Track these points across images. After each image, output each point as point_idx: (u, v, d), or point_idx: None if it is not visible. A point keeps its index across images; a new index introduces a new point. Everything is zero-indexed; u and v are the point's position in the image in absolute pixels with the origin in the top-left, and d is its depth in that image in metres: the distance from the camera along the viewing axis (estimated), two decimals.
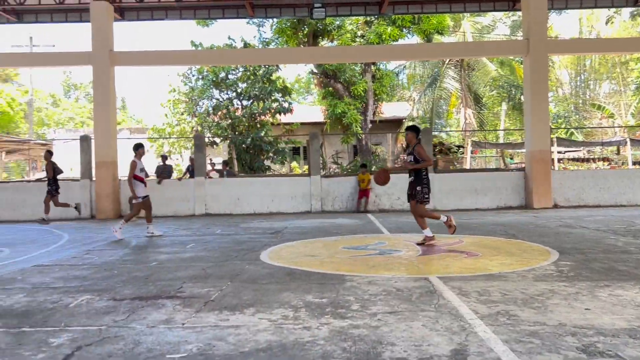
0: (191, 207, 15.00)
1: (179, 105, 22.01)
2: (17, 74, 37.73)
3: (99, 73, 14.90)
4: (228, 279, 5.58)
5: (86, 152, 14.98)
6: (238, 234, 10.02)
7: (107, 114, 14.91)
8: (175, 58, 16.27)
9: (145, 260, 7.07)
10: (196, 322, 4.00)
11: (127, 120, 48.68)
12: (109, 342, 3.56)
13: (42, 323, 4.07)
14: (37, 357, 3.31)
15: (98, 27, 14.87)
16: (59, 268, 6.61)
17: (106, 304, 4.62)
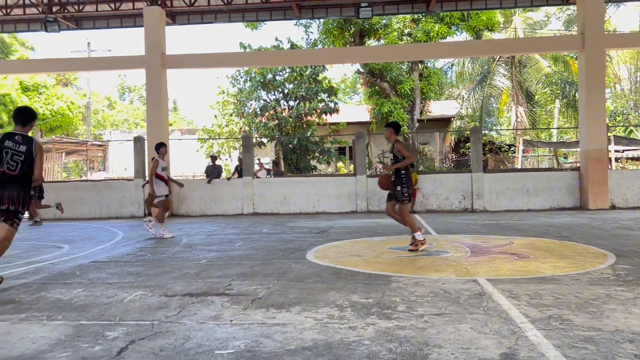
0: (239, 206, 15.28)
1: (228, 106, 22.44)
2: (77, 78, 39.45)
3: (152, 76, 15.40)
4: (275, 277, 5.66)
5: (139, 152, 15.49)
6: (285, 233, 10.13)
7: (159, 115, 15.39)
8: (224, 60, 16.60)
9: (195, 257, 7.26)
10: (244, 319, 4.07)
11: (178, 121, 50.04)
12: (161, 337, 3.67)
13: (99, 317, 4.25)
14: (94, 349, 3.46)
15: (151, 32, 15.37)
16: (114, 264, 6.88)
17: (158, 300, 4.77)
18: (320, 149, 20.40)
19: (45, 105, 29.52)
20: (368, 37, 22.11)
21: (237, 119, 22.16)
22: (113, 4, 15.96)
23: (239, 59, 17.57)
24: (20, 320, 4.20)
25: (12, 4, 16.22)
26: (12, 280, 5.89)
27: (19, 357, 3.32)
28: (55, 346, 3.53)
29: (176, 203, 15.42)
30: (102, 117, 44.36)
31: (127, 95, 55.64)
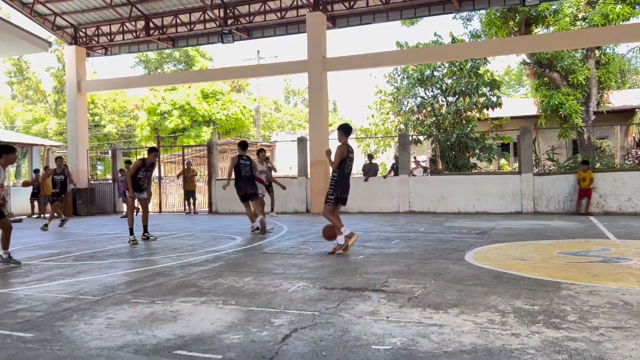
0: (395, 204, 15.30)
1: (385, 105, 22.58)
2: (248, 84, 42.91)
3: (314, 79, 16.14)
4: (432, 277, 5.57)
5: (302, 152, 16.34)
6: (442, 232, 9.91)
7: (321, 116, 16.07)
8: (383, 59, 16.75)
9: (352, 253, 7.45)
10: (400, 316, 4.08)
11: (337, 121, 51.73)
12: (321, 327, 3.85)
13: (266, 304, 4.59)
14: (262, 334, 3.74)
15: (313, 36, 16.12)
16: (279, 256, 7.37)
17: (319, 292, 5.00)
18: (481, 145, 19.51)
19: (222, 110, 32.62)
20: (535, 25, 20.56)
21: (394, 117, 22.20)
22: (279, 13, 17.06)
23: (398, 57, 17.58)
24: (201, 302, 4.72)
25: (194, 20, 18.22)
26: (195, 267, 6.63)
27: (200, 335, 3.74)
28: (229, 328, 3.90)
29: None
30: (269, 120, 47.66)
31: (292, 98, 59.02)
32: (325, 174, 15.79)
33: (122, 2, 17.93)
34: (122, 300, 4.88)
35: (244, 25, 17.92)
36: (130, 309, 4.55)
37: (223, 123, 32.72)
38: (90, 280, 5.91)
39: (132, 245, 9.12)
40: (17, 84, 41.16)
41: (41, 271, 6.64)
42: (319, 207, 15.54)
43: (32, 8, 18.35)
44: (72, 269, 6.71)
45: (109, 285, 5.59)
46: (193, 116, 31.93)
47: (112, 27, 19.35)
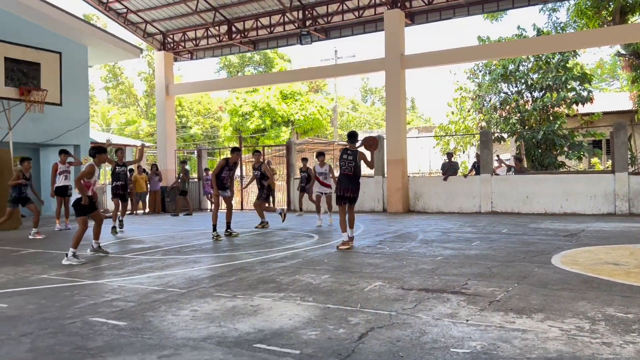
0: (477, 204, 14.85)
1: (465, 102, 21.95)
2: (326, 84, 43.32)
3: (391, 77, 16.00)
4: (514, 281, 5.36)
5: (379, 151, 16.26)
6: (526, 234, 9.49)
7: (398, 114, 15.91)
8: (463, 55, 16.30)
9: (431, 254, 7.33)
10: (480, 320, 3.97)
11: (415, 119, 50.95)
12: (398, 328, 3.83)
13: (343, 302, 4.63)
14: (339, 331, 3.78)
15: (391, 34, 15.98)
16: (356, 255, 7.39)
17: (395, 292, 4.97)
18: (570, 143, 18.46)
19: (300, 110, 33.17)
20: (632, 13, 19.16)
21: (475, 114, 21.52)
22: (357, 12, 17.07)
23: (479, 52, 17.03)
24: (280, 298, 4.84)
25: (274, 23, 18.65)
26: (274, 263, 6.81)
27: (279, 330, 3.84)
28: (307, 324, 3.97)
29: (413, 199, 15.77)
30: (346, 119, 47.82)
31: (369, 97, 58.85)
32: (403, 173, 15.63)
33: (207, 8, 18.69)
34: (206, 293, 5.11)
35: (322, 25, 18.09)
36: (214, 302, 4.75)
37: (301, 123, 33.25)
38: (177, 274, 6.23)
39: (216, 240, 9.50)
40: (112, 88, 44.13)
41: (133, 264, 7.08)
42: (395, 206, 15.42)
43: (125, 17, 19.57)
44: (161, 263, 7.11)
45: (194, 279, 5.87)
46: (273, 117, 32.71)
47: (197, 32, 20.24)
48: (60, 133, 16.21)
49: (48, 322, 4.19)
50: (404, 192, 15.63)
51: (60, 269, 6.84)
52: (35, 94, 13.08)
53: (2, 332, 3.94)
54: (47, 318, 4.33)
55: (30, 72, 13.11)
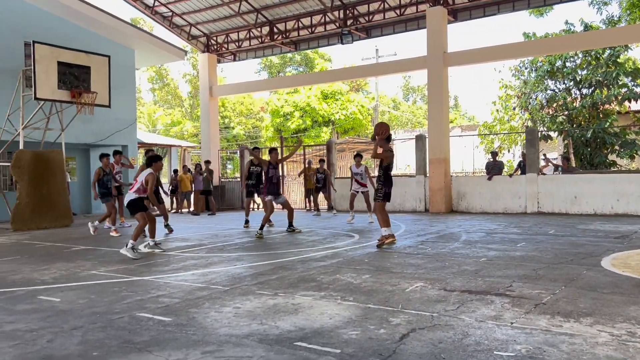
0: (522, 204, 14.47)
1: (510, 100, 21.43)
2: (367, 83, 43.16)
3: (433, 75, 15.79)
4: (562, 283, 5.20)
5: (421, 150, 16.08)
6: (575, 235, 9.19)
7: (440, 113, 15.68)
8: (508, 52, 15.91)
9: (474, 255, 7.19)
10: (525, 323, 3.88)
11: (458, 118, 50.11)
12: (440, 329, 3.78)
13: (384, 302, 4.61)
14: (379, 332, 3.77)
15: (433, 32, 15.77)
16: (397, 255, 7.33)
17: (437, 293, 4.91)
18: (622, 141, 17.73)
19: (340, 110, 33.16)
20: None
21: (521, 112, 20.98)
22: (399, 10, 16.93)
23: (524, 49, 16.59)
24: (320, 297, 4.86)
25: (315, 23, 18.71)
26: (315, 262, 6.84)
27: (319, 329, 3.86)
28: (347, 324, 3.98)
29: (456, 199, 15.52)
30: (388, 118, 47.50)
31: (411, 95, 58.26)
32: (445, 172, 15.39)
33: (249, 9, 18.93)
34: (248, 291, 5.18)
35: (363, 25, 18.03)
36: (256, 299, 4.82)
37: (342, 123, 33.24)
38: (220, 272, 6.35)
39: (258, 238, 9.62)
40: (158, 90, 45.31)
41: (178, 261, 7.26)
42: (438, 206, 15.20)
43: (171, 20, 20.06)
44: (205, 260, 7.26)
45: (236, 277, 5.97)
46: (313, 117, 32.83)
47: (240, 34, 20.53)
48: (109, 134, 16.77)
49: (97, 317, 4.35)
50: (447, 191, 15.40)
51: (109, 265, 7.09)
52: (85, 97, 13.57)
53: (55, 325, 4.12)
54: (97, 312, 4.49)
55: (81, 75, 13.60)
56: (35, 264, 7.26)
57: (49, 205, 13.30)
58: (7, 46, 14.40)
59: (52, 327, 4.08)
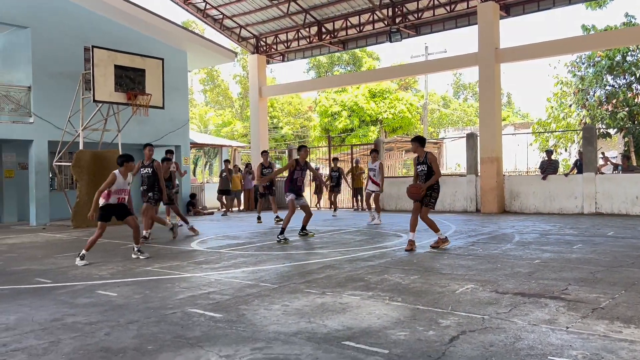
0: (579, 204, 13.93)
1: (566, 97, 20.66)
2: (416, 81, 42.62)
3: (485, 72, 15.42)
4: (622, 287, 4.98)
5: (472, 148, 15.74)
6: (635, 237, 8.76)
7: (492, 111, 15.30)
8: (563, 47, 15.35)
9: (528, 256, 6.98)
10: (582, 328, 3.73)
11: (511, 115, 48.72)
12: (491, 332, 3.69)
13: (433, 303, 4.54)
14: (428, 333, 3.72)
15: (484, 28, 15.40)
16: (447, 256, 7.21)
17: (489, 295, 4.80)
18: None
19: (389, 109, 32.89)
20: None
21: (577, 109, 20.19)
22: (449, 7, 16.63)
23: (581, 43, 15.95)
24: (368, 297, 4.85)
25: (363, 22, 18.65)
26: (362, 262, 6.82)
27: (367, 329, 3.84)
28: (395, 324, 3.94)
29: (508, 199, 15.10)
30: (437, 116, 46.77)
31: (461, 93, 57.10)
32: (497, 172, 15.00)
33: (298, 10, 19.07)
34: (297, 289, 5.23)
35: (412, 22, 17.81)
36: (304, 298, 4.85)
37: (389, 121, 32.96)
38: (269, 269, 6.44)
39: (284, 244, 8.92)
40: (209, 91, 46.34)
41: (229, 259, 7.41)
42: (490, 206, 14.84)
43: (221, 23, 20.47)
44: (254, 258, 7.38)
45: (285, 275, 6.03)
46: (361, 116, 32.71)
47: (289, 34, 20.71)
48: (163, 134, 17.28)
49: (152, 312, 4.50)
50: (499, 191, 15.01)
51: (162, 262, 7.31)
52: (140, 98, 14.04)
53: (112, 319, 4.29)
54: (151, 307, 4.64)
55: (136, 77, 14.08)
56: (94, 260, 7.58)
57: None
58: (68, 51, 15.10)
59: (110, 320, 4.25)
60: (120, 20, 16.40)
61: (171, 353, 3.43)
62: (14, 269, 6.98)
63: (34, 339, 3.81)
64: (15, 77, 15.11)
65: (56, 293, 5.38)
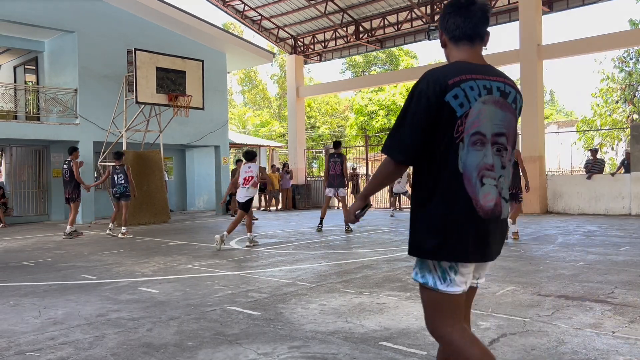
0: (626, 205, 13.42)
1: (613, 93, 19.96)
2: None
3: (527, 69, 15.05)
4: None
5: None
6: None
7: (535, 108, 14.92)
8: (609, 42, 14.82)
9: (571, 258, 6.78)
10: (629, 332, 3.60)
11: (554, 113, 47.39)
12: (532, 335, 3.61)
13: (472, 305, 4.45)
14: None
15: (526, 24, 15.03)
16: None
17: (530, 298, 4.68)
18: None
19: None
20: None
21: (625, 106, 19.47)
22: (490, 3, 16.30)
23: (628, 38, 15.37)
24: (406, 297, 4.81)
25: (401, 20, 18.49)
26: (400, 262, 6.77)
27: (405, 330, 3.81)
28: None
29: (552, 200, 14.70)
30: None
31: None
32: (540, 171, 14.62)
33: (335, 10, 19.08)
34: (334, 289, 5.23)
35: None
36: (341, 297, 4.85)
37: None
38: (307, 269, 6.47)
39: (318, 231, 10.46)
40: (248, 91, 46.88)
41: (267, 258, 7.48)
42: (532, 206, 14.47)
43: (259, 24, 20.69)
44: (292, 257, 7.43)
45: (322, 274, 6.05)
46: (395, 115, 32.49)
47: (326, 34, 20.74)
48: (202, 135, 17.60)
49: (192, 309, 4.59)
50: (542, 191, 14.62)
51: (202, 260, 7.45)
52: (181, 100, 14.34)
53: (154, 316, 4.40)
54: (191, 305, 4.74)
55: (177, 79, 14.39)
56: (137, 257, 7.79)
57: (149, 202, 14.21)
58: (112, 54, 15.58)
59: (151, 317, 4.36)
60: (161, 23, 16.79)
61: (210, 350, 3.49)
62: (62, 265, 7.24)
63: (80, 333, 3.94)
64: (62, 80, 15.69)
65: (101, 289, 5.56)
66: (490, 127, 1.98)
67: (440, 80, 1.95)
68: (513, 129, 2.06)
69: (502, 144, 2.01)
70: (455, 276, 2.01)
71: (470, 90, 1.95)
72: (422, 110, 1.95)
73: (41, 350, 3.54)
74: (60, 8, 14.88)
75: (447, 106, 1.93)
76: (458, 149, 1.95)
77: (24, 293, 5.44)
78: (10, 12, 14.11)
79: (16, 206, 15.62)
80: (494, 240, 2.06)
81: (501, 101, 2.01)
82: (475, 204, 1.96)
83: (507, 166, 2.05)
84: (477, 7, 2.05)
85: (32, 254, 8.54)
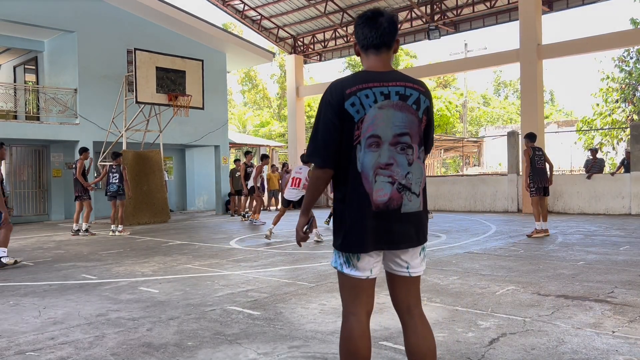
0: (626, 205, 13.43)
1: (613, 93, 19.96)
2: (455, 79, 42.01)
3: (527, 68, 15.06)
4: None
5: (513, 147, 15.39)
6: None
7: (534, 108, 14.93)
8: (610, 41, 14.82)
9: (571, 258, 6.78)
10: (629, 332, 3.60)
11: (554, 113, 47.37)
12: (532, 335, 3.61)
13: (472, 305, 4.47)
14: (467, 335, 3.66)
15: (526, 23, 15.03)
16: (487, 257, 7.08)
17: (530, 297, 4.68)
18: None
19: None
20: None
21: (625, 105, 19.47)
22: (489, 3, 16.31)
23: (629, 38, 15.37)
24: None
25: (401, 20, 18.49)
26: None
27: None
28: (434, 326, 3.88)
29: (552, 200, 14.69)
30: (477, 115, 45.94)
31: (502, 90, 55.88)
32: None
33: (335, 9, 19.08)
34: (333, 288, 5.23)
35: (451, 19, 17.56)
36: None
37: None
38: (307, 268, 6.47)
39: None
40: (248, 91, 46.88)
41: (267, 257, 7.48)
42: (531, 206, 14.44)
43: (259, 24, 20.69)
44: (292, 257, 7.43)
45: (322, 274, 6.05)
46: None
47: (326, 34, 20.75)
48: (202, 135, 17.60)
49: (192, 308, 4.59)
50: None
51: (202, 259, 7.45)
52: (181, 100, 14.33)
53: (154, 315, 4.40)
54: (191, 304, 4.74)
55: (177, 79, 14.38)
56: (137, 257, 7.79)
57: (149, 202, 14.20)
58: (112, 54, 15.58)
59: (151, 316, 4.36)
60: (161, 23, 16.79)
61: (210, 349, 3.49)
62: (62, 265, 7.25)
63: (80, 333, 3.95)
64: (62, 80, 15.70)
65: (101, 289, 5.56)
66: (390, 129, 2.22)
67: (339, 89, 2.23)
68: (417, 127, 2.28)
69: (405, 143, 2.25)
70: (358, 262, 2.29)
71: (365, 98, 2.21)
72: (330, 117, 2.22)
73: (41, 350, 3.55)
74: (60, 8, 14.89)
75: (347, 113, 2.20)
76: (356, 151, 2.22)
77: (24, 293, 5.45)
78: (10, 12, 14.11)
79: (16, 206, 15.62)
80: (399, 230, 2.26)
81: (400, 104, 2.25)
82: (370, 199, 2.21)
83: (415, 163, 2.28)
84: (384, 18, 2.33)
85: (32, 253, 8.54)
